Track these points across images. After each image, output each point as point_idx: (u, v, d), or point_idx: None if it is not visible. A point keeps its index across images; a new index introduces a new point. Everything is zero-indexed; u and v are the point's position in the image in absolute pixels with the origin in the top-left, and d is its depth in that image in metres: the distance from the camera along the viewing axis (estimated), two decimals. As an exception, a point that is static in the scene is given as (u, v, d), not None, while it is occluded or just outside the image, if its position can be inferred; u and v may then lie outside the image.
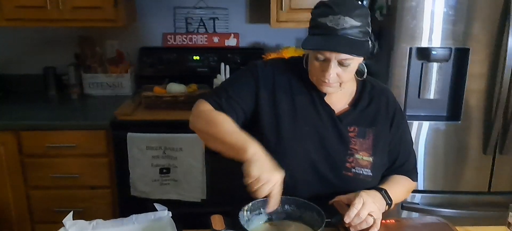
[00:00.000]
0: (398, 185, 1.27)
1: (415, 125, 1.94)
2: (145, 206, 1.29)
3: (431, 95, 1.92)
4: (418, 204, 2.02)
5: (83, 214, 1.66)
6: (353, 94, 1.28)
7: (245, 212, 1.09)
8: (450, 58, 1.88)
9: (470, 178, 2.01)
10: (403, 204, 2.02)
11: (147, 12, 2.63)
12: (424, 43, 1.84)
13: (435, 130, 1.95)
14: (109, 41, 2.66)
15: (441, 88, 1.92)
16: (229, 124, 1.14)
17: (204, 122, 1.18)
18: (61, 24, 2.29)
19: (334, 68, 1.13)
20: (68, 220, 1.13)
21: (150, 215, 1.17)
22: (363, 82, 1.28)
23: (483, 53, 1.85)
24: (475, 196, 2.03)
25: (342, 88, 1.20)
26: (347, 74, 1.16)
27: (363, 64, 1.21)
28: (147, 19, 2.65)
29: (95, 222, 1.14)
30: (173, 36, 2.67)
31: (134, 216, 1.17)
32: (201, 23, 2.67)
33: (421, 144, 1.96)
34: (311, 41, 1.12)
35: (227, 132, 1.11)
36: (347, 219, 1.08)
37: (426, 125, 1.94)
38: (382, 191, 1.19)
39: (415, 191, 2.01)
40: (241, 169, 1.04)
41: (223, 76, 2.42)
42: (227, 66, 2.44)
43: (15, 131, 2.14)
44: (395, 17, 1.83)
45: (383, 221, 1.18)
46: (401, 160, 1.30)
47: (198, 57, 2.61)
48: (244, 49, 2.67)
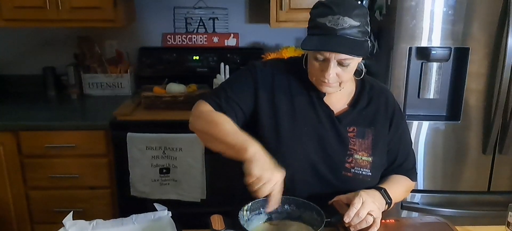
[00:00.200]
0: (397, 184, 1.27)
1: (414, 124, 1.94)
2: (145, 206, 1.29)
3: (431, 95, 1.92)
4: (417, 203, 2.02)
5: (83, 214, 1.66)
6: (352, 95, 1.28)
7: (245, 212, 1.09)
8: (449, 58, 1.88)
9: (469, 178, 2.01)
10: (403, 204, 2.02)
11: (147, 12, 2.63)
12: (423, 43, 1.84)
13: (435, 129, 1.95)
14: (109, 41, 2.66)
15: (440, 88, 1.92)
16: (229, 124, 1.14)
17: (204, 122, 1.18)
18: (60, 24, 2.28)
19: (333, 68, 1.13)
20: (68, 220, 1.13)
21: (150, 215, 1.18)
22: (362, 82, 1.28)
23: (483, 53, 1.85)
24: (474, 196, 2.03)
25: (341, 88, 1.20)
26: (346, 74, 1.16)
27: (362, 64, 1.21)
28: (147, 19, 2.64)
29: (95, 222, 1.14)
30: (172, 36, 2.67)
31: (134, 216, 1.17)
32: (201, 23, 2.67)
33: (421, 143, 1.96)
34: (311, 42, 1.12)
35: (227, 132, 1.11)
36: (347, 218, 1.08)
37: (425, 124, 1.94)
38: (381, 190, 1.20)
39: (415, 190, 2.01)
40: (241, 168, 1.04)
41: (223, 76, 2.42)
42: (227, 66, 2.43)
43: (14, 131, 2.14)
44: (395, 17, 1.83)
45: (383, 220, 1.18)
46: (400, 160, 1.30)
47: (197, 57, 2.61)
48: (243, 49, 2.67)
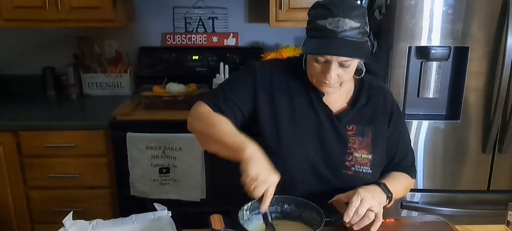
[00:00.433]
0: (397, 180, 1.27)
1: (414, 124, 1.94)
2: (144, 205, 1.29)
3: (430, 94, 1.92)
4: (417, 203, 2.02)
5: (83, 214, 1.66)
6: (351, 93, 1.28)
7: (245, 212, 1.09)
8: (449, 57, 1.88)
9: (469, 177, 2.01)
10: (403, 203, 2.02)
11: (146, 12, 2.63)
12: (423, 42, 1.84)
13: (435, 128, 1.95)
14: (108, 41, 2.66)
15: (440, 87, 1.92)
16: (227, 125, 1.14)
17: (202, 123, 1.18)
18: (60, 24, 2.28)
19: (334, 70, 1.13)
20: (68, 220, 1.13)
21: (149, 214, 1.18)
22: (361, 81, 1.28)
23: (482, 52, 1.85)
24: (474, 195, 2.03)
25: (341, 88, 1.21)
26: (347, 74, 1.16)
27: (362, 63, 1.22)
28: (146, 19, 2.64)
29: (95, 222, 1.14)
30: (172, 36, 2.66)
31: (133, 215, 1.17)
32: (200, 23, 2.67)
33: (421, 143, 1.96)
34: (312, 45, 1.12)
35: (225, 132, 1.11)
36: (347, 218, 1.07)
37: (425, 124, 1.94)
38: (381, 184, 1.20)
39: (415, 190, 2.01)
40: (239, 168, 1.04)
41: (222, 76, 2.42)
42: (226, 66, 2.43)
43: (14, 131, 2.14)
44: (394, 16, 1.82)
45: (383, 220, 1.18)
46: (399, 157, 1.31)
47: (197, 57, 2.61)
48: (243, 49, 2.67)
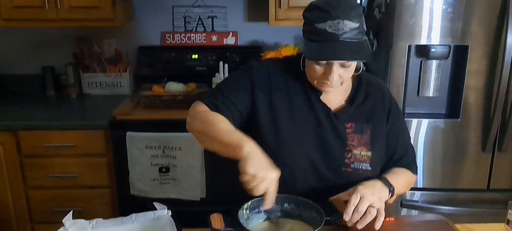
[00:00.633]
0: (398, 175, 1.27)
1: (414, 122, 1.94)
2: (144, 205, 1.29)
3: (430, 93, 1.92)
4: (417, 201, 2.02)
5: (83, 214, 1.66)
6: (349, 91, 1.28)
7: (245, 211, 1.09)
8: (449, 56, 1.88)
9: (469, 176, 2.01)
10: (403, 202, 2.02)
11: (145, 11, 2.63)
12: (423, 41, 1.84)
13: (434, 127, 1.95)
14: (107, 41, 2.66)
15: (440, 86, 1.92)
16: (225, 123, 1.14)
17: (200, 122, 1.18)
18: (59, 24, 2.28)
19: (336, 71, 1.13)
20: (67, 219, 1.13)
21: (149, 214, 1.17)
22: (359, 78, 1.28)
23: (482, 51, 1.85)
24: (474, 194, 2.03)
25: (342, 86, 1.21)
26: (348, 73, 1.17)
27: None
28: (145, 18, 2.64)
29: (94, 221, 1.14)
30: (171, 35, 2.66)
31: (133, 215, 1.17)
32: (200, 22, 2.67)
33: (420, 141, 1.96)
34: (314, 50, 1.11)
35: (223, 131, 1.11)
36: (346, 217, 1.07)
37: (425, 122, 1.94)
38: (382, 178, 1.19)
39: (414, 188, 2.01)
40: (238, 167, 1.04)
41: (222, 75, 2.42)
42: (226, 65, 2.43)
43: (13, 131, 2.13)
44: (394, 15, 1.82)
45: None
46: (399, 154, 1.31)
47: (196, 56, 2.60)
48: (242, 48, 2.67)
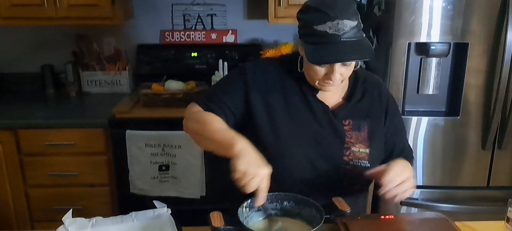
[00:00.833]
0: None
1: (414, 120, 1.94)
2: (144, 203, 1.29)
3: (430, 91, 1.92)
4: (417, 199, 2.03)
5: (83, 212, 1.65)
6: (346, 88, 1.28)
7: (244, 209, 1.09)
8: (448, 54, 1.88)
9: (469, 173, 2.01)
10: (402, 200, 2.02)
11: (145, 9, 2.62)
12: (422, 39, 1.84)
13: (434, 125, 1.95)
14: (106, 39, 2.65)
15: (439, 84, 1.91)
16: (218, 122, 1.16)
17: (194, 122, 1.20)
18: (58, 22, 2.27)
19: (338, 70, 1.13)
20: (67, 218, 1.13)
21: (149, 212, 1.18)
22: (355, 75, 1.28)
23: (482, 48, 1.84)
24: (474, 191, 2.04)
25: (342, 84, 1.21)
26: (349, 71, 1.17)
27: None
28: (145, 17, 2.64)
29: (94, 219, 1.14)
30: (170, 33, 2.66)
31: (133, 213, 1.17)
32: (199, 20, 2.66)
33: (420, 139, 1.96)
34: (318, 54, 1.09)
35: (216, 130, 1.13)
36: (385, 187, 1.07)
37: (425, 120, 1.94)
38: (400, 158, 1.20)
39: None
40: (230, 165, 1.04)
41: (222, 73, 2.41)
42: (225, 63, 2.43)
43: (13, 129, 2.13)
44: (394, 13, 1.82)
45: (382, 217, 1.18)
46: (398, 149, 1.32)
47: (196, 54, 2.60)
48: (242, 46, 2.67)
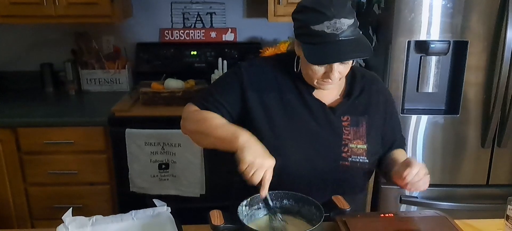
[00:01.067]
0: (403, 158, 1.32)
1: (413, 118, 1.94)
2: (144, 201, 1.29)
3: (430, 89, 1.92)
4: (416, 197, 2.03)
5: (82, 211, 1.65)
6: (343, 85, 1.28)
7: (244, 207, 1.09)
8: (448, 51, 1.88)
9: (468, 171, 2.02)
10: (402, 198, 2.03)
11: (144, 7, 2.62)
12: (422, 37, 1.84)
13: (434, 123, 1.95)
14: (106, 37, 2.65)
15: (439, 82, 1.91)
16: (217, 118, 1.17)
17: (192, 122, 1.21)
18: (57, 20, 2.27)
19: (337, 69, 1.13)
20: (67, 216, 1.13)
21: (149, 210, 1.18)
22: (353, 72, 1.28)
23: (482, 46, 1.84)
24: (473, 189, 2.04)
25: (340, 81, 1.21)
26: (347, 69, 1.17)
27: None
28: (144, 15, 2.63)
29: (94, 218, 1.15)
30: (170, 31, 2.66)
31: (133, 212, 1.17)
32: (198, 18, 2.66)
33: (420, 137, 1.96)
34: (317, 54, 1.09)
35: (216, 126, 1.14)
36: (409, 177, 1.13)
37: (424, 118, 1.94)
38: None
39: (414, 184, 2.02)
40: (236, 160, 1.05)
41: (221, 71, 2.41)
42: (225, 62, 2.43)
43: (13, 128, 2.13)
44: (393, 11, 1.82)
45: (381, 215, 1.19)
46: (398, 141, 1.36)
47: (195, 53, 2.60)
48: (241, 44, 2.66)
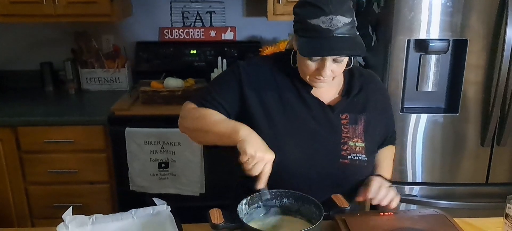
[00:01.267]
0: (387, 160, 1.38)
1: (413, 117, 1.94)
2: (144, 200, 1.29)
3: (429, 88, 1.92)
4: (416, 196, 2.03)
5: (82, 209, 1.65)
6: (342, 85, 1.29)
7: (244, 206, 1.09)
8: (448, 50, 1.88)
9: (468, 170, 2.02)
10: (401, 196, 2.02)
11: (143, 6, 2.62)
12: (422, 35, 1.84)
13: (433, 122, 1.95)
14: (105, 36, 2.65)
15: (439, 80, 1.91)
16: (216, 114, 1.18)
17: (191, 119, 1.22)
18: (57, 19, 2.27)
19: (329, 66, 1.14)
20: (67, 215, 1.13)
21: (149, 209, 1.18)
22: (351, 71, 1.29)
23: (481, 45, 1.84)
24: (473, 188, 2.04)
25: (334, 81, 1.21)
26: (340, 68, 1.17)
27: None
28: (143, 14, 2.63)
29: (94, 217, 1.15)
30: (169, 30, 2.66)
31: (133, 210, 1.17)
32: (198, 17, 2.66)
33: (419, 136, 1.97)
34: (309, 46, 1.11)
35: (215, 121, 1.16)
36: (370, 194, 1.16)
37: (424, 117, 1.94)
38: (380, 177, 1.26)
39: (413, 183, 2.02)
40: (238, 161, 1.05)
41: (220, 70, 2.41)
42: (224, 60, 2.43)
43: (12, 127, 2.13)
44: (393, 9, 1.82)
45: (381, 213, 1.19)
46: (389, 139, 1.41)
47: (195, 52, 2.60)
48: (241, 43, 2.66)
